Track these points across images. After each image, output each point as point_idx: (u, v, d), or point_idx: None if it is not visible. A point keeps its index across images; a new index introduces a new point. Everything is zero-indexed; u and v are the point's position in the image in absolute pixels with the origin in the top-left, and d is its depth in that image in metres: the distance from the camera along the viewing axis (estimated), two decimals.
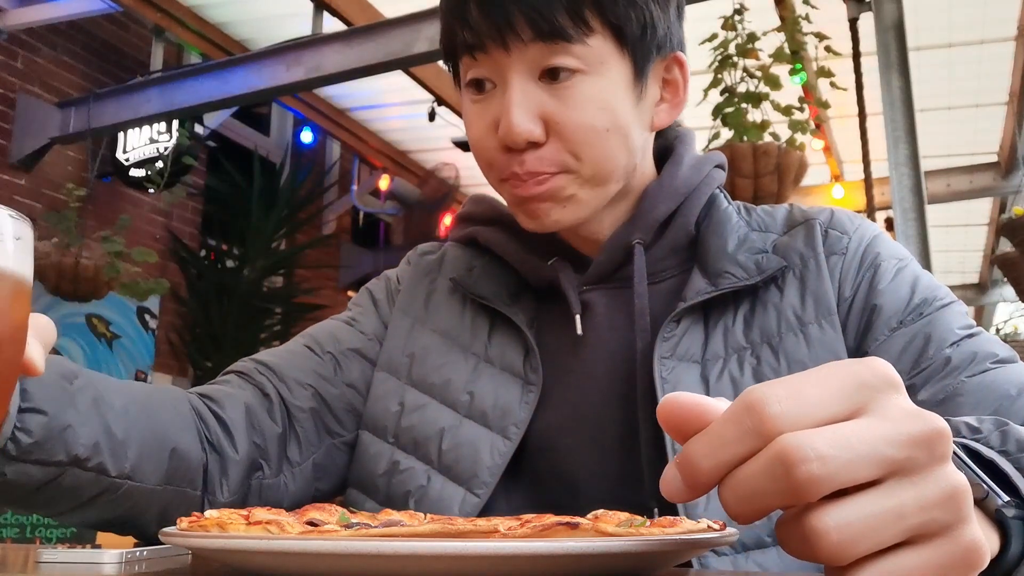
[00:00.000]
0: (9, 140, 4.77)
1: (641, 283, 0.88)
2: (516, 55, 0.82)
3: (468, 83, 0.87)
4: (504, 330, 0.93)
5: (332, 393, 0.94)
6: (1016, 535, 0.49)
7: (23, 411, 0.67)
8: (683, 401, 0.44)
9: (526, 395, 0.88)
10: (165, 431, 0.80)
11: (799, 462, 0.39)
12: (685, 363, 0.85)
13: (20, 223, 0.49)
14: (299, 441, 0.91)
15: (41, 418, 0.68)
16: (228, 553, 0.50)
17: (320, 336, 0.98)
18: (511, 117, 0.82)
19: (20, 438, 0.66)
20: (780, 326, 0.86)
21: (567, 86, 0.82)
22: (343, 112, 6.16)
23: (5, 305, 0.47)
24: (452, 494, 0.86)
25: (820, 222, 0.92)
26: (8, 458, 0.66)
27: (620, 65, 0.84)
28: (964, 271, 8.86)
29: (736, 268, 0.87)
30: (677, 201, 0.92)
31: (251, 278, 5.88)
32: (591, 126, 0.83)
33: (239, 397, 0.90)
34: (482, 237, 0.99)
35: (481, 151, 0.88)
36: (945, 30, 4.67)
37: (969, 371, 0.78)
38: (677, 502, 0.43)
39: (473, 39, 0.83)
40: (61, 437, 0.69)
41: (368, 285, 1.06)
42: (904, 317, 0.84)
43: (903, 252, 0.91)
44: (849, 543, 0.40)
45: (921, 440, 0.41)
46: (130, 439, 0.75)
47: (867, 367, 0.42)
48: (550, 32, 0.80)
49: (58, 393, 0.70)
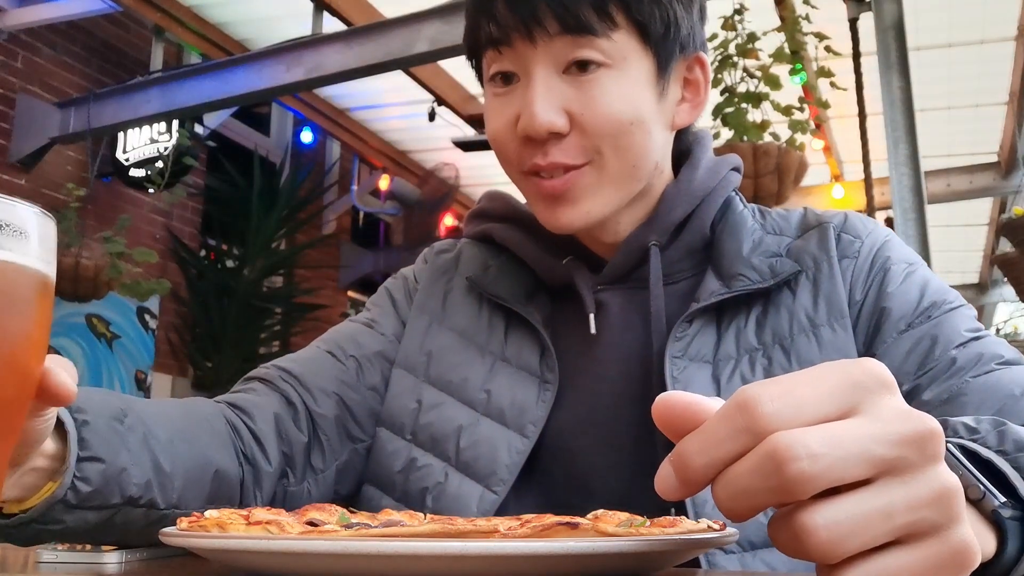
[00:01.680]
0: (9, 140, 4.77)
1: (657, 285, 0.88)
2: (541, 48, 0.83)
3: (492, 77, 0.88)
4: (520, 329, 0.93)
5: (355, 399, 0.94)
6: (1012, 536, 0.49)
7: (82, 460, 0.66)
8: (677, 400, 0.45)
9: (543, 393, 0.89)
10: (207, 455, 0.80)
11: (790, 460, 0.39)
12: (697, 363, 0.85)
13: (44, 220, 0.49)
14: (323, 449, 0.91)
15: (99, 466, 0.68)
16: (228, 553, 0.50)
17: (342, 341, 0.98)
18: (534, 107, 0.82)
19: (80, 487, 0.66)
20: (792, 328, 0.86)
21: (591, 79, 0.83)
22: (343, 112, 6.16)
23: (30, 301, 0.47)
24: (470, 491, 0.86)
25: (834, 226, 0.92)
26: (68, 507, 0.66)
27: (643, 62, 0.85)
28: (964, 271, 8.86)
29: (750, 271, 0.88)
30: (694, 204, 0.92)
31: (251, 278, 5.88)
32: (615, 118, 0.83)
33: (267, 406, 0.89)
34: (498, 235, 0.99)
35: (501, 144, 0.88)
36: (945, 30, 4.67)
37: (974, 371, 0.79)
38: (671, 500, 0.43)
39: (499, 33, 0.84)
40: (117, 480, 0.69)
41: (386, 284, 1.06)
42: (912, 320, 0.84)
43: (913, 256, 0.91)
44: (838, 541, 0.40)
45: (912, 440, 0.41)
46: (176, 470, 0.75)
47: (860, 367, 0.43)
48: (576, 26, 0.81)
49: (111, 437, 0.70)
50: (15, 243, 0.46)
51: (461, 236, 1.08)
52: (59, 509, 0.65)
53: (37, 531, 0.66)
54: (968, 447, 0.54)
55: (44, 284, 0.49)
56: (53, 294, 0.50)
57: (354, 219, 7.56)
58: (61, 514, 0.66)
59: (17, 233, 0.47)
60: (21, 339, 0.47)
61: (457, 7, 3.80)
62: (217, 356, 5.66)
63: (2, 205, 0.46)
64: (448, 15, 3.88)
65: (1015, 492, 0.51)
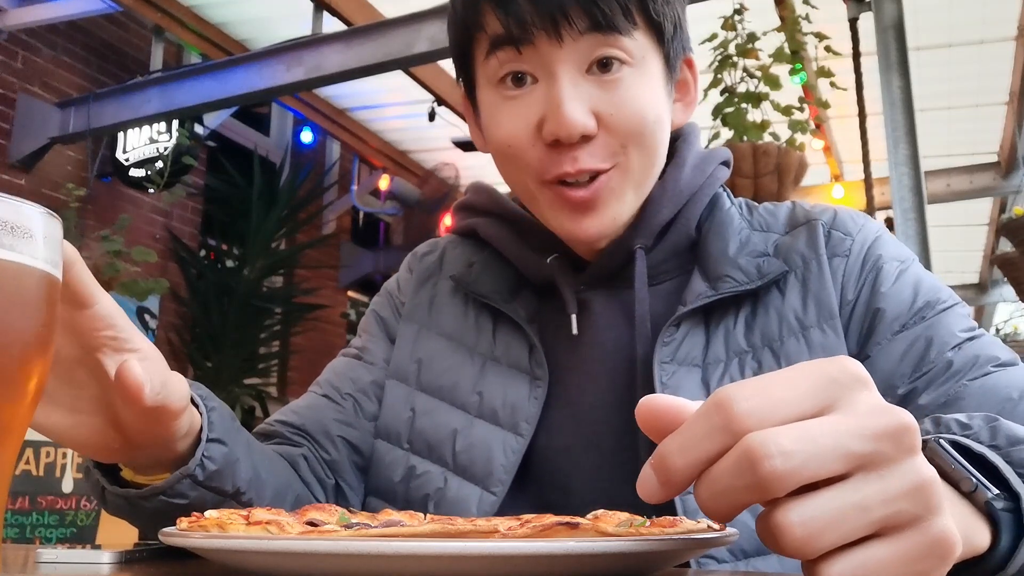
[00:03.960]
0: (9, 140, 4.77)
1: (642, 290, 0.87)
2: (568, 47, 0.81)
3: (502, 78, 0.84)
4: (507, 326, 0.93)
5: (357, 436, 0.95)
6: (1006, 527, 0.50)
7: (210, 440, 0.71)
8: (659, 402, 0.46)
9: (534, 390, 0.88)
10: (288, 479, 0.85)
11: (763, 458, 0.40)
12: (686, 367, 0.84)
13: (50, 220, 0.49)
14: (345, 492, 0.94)
15: (223, 448, 0.72)
16: (228, 553, 0.50)
17: (336, 381, 0.99)
18: (565, 110, 0.79)
19: (207, 465, 0.71)
20: (781, 329, 0.85)
21: (616, 78, 0.82)
22: (343, 112, 6.16)
23: (37, 301, 0.48)
24: (469, 494, 0.86)
25: (823, 222, 0.91)
26: (195, 483, 0.70)
27: (656, 61, 0.85)
28: (964, 271, 8.86)
29: (737, 272, 0.86)
30: (680, 204, 0.91)
31: (251, 278, 5.87)
32: (641, 117, 0.82)
33: (299, 454, 0.92)
34: (482, 231, 0.98)
35: (518, 152, 0.84)
36: (945, 30, 4.67)
37: (971, 375, 0.78)
38: (653, 502, 0.44)
39: (521, 32, 0.81)
40: (232, 469, 0.74)
41: (373, 305, 1.06)
42: (907, 321, 0.83)
43: (905, 253, 0.90)
44: (814, 536, 0.40)
45: (887, 434, 0.41)
46: (268, 482, 0.79)
47: (836, 365, 0.43)
48: (605, 23, 0.80)
49: (231, 428, 0.74)
50: (21, 243, 0.46)
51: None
52: (187, 484, 0.70)
53: (163, 504, 0.70)
54: (961, 443, 0.54)
55: (51, 284, 0.49)
56: (59, 294, 0.51)
57: (354, 219, 7.56)
58: (188, 489, 0.70)
59: (23, 233, 0.47)
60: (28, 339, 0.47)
61: None
62: (217, 356, 5.66)
63: (9, 205, 0.46)
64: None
65: (1009, 486, 0.51)
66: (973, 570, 0.50)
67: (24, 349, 0.47)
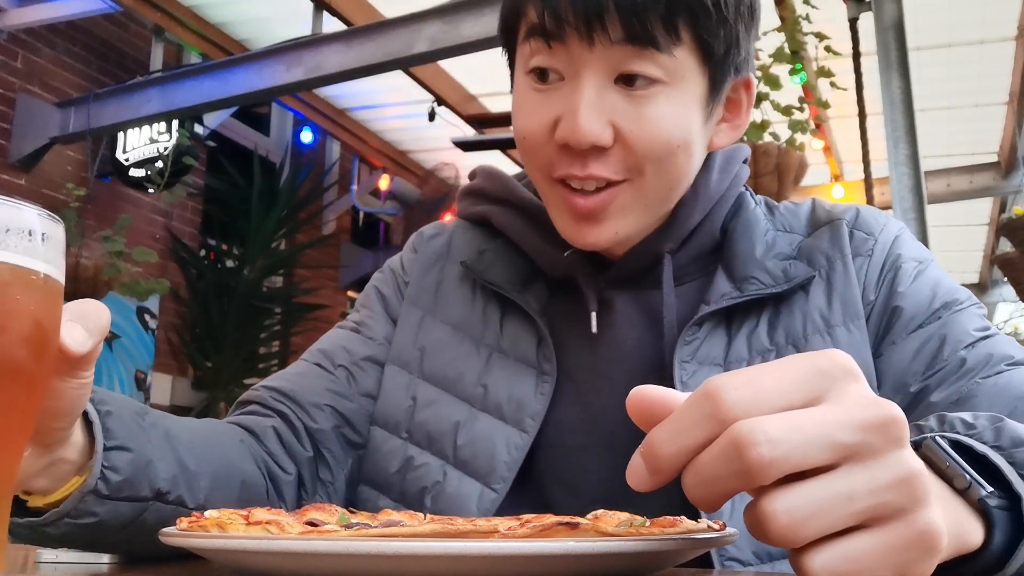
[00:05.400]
0: (9, 140, 4.77)
1: (670, 295, 0.86)
2: (598, 52, 0.77)
3: (531, 70, 0.82)
4: (516, 318, 0.91)
5: (350, 408, 0.92)
6: (1000, 525, 0.50)
7: (109, 449, 0.65)
8: (650, 392, 0.46)
9: (541, 385, 0.87)
10: (231, 462, 0.79)
11: (750, 445, 0.40)
12: (707, 367, 0.83)
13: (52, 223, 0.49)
14: (328, 462, 0.90)
15: (127, 455, 0.66)
16: (228, 553, 0.50)
17: (329, 350, 0.96)
18: (579, 117, 0.77)
19: (109, 476, 0.64)
20: (806, 328, 0.85)
21: (645, 95, 0.78)
22: (343, 112, 6.16)
23: (38, 304, 0.48)
24: (469, 490, 0.84)
25: (846, 222, 0.90)
26: (100, 497, 0.64)
27: (698, 81, 0.81)
28: (964, 271, 8.86)
29: (763, 274, 0.86)
30: (708, 207, 0.90)
31: (251, 278, 5.87)
32: (665, 141, 0.79)
33: (268, 425, 0.88)
34: (497, 220, 0.95)
35: (533, 147, 0.83)
36: (945, 30, 4.67)
37: (984, 373, 0.78)
38: (642, 491, 0.44)
39: (554, 26, 0.77)
40: (145, 472, 0.68)
41: (374, 281, 1.02)
42: (923, 320, 0.83)
43: (924, 253, 0.89)
44: (799, 525, 0.41)
45: (874, 425, 0.42)
46: (202, 472, 0.74)
47: (826, 357, 0.44)
48: (641, 36, 0.76)
49: (136, 429, 0.68)
50: (23, 246, 0.46)
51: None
52: (91, 500, 0.63)
53: (70, 527, 0.64)
54: (963, 442, 0.54)
55: (52, 287, 0.49)
56: (62, 297, 0.50)
57: (354, 219, 7.56)
58: (93, 506, 0.64)
59: (25, 236, 0.47)
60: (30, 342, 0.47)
61: (457, 7, 3.80)
62: (217, 356, 5.66)
63: (10, 208, 0.46)
64: (448, 15, 3.88)
65: (1010, 487, 0.51)
66: (967, 567, 0.50)
67: (25, 352, 0.47)
